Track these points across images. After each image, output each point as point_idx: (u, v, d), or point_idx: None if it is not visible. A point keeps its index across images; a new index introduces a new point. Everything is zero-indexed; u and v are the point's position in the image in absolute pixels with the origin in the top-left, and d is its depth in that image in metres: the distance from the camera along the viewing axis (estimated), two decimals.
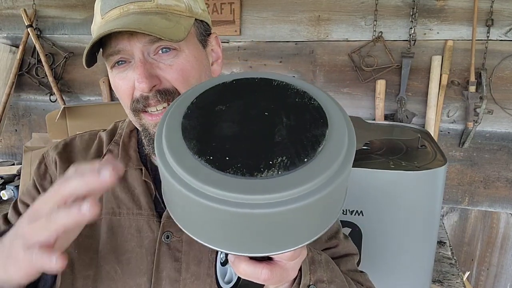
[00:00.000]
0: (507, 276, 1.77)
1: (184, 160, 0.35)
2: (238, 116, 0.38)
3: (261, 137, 0.36)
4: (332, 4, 1.72)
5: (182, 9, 0.61)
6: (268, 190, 0.33)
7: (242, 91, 0.41)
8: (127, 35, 0.57)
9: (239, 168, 0.34)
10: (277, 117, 0.38)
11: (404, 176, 1.06)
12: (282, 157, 0.35)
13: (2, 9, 2.16)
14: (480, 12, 1.55)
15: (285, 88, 0.41)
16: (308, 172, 0.34)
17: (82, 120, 1.79)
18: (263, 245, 0.37)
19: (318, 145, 0.36)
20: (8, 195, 1.73)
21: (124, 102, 0.62)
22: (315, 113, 0.38)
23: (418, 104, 1.71)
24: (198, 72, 0.62)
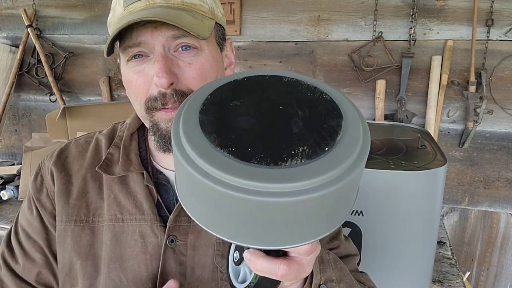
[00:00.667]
0: (507, 276, 1.77)
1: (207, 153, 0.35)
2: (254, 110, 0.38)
3: (279, 128, 0.36)
4: (332, 4, 1.72)
5: (205, 9, 0.61)
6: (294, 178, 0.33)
7: (254, 87, 0.41)
8: (151, 28, 0.56)
9: (262, 158, 0.34)
10: (292, 110, 0.38)
11: (404, 176, 1.06)
12: (303, 146, 0.35)
13: (2, 9, 2.16)
14: (480, 12, 1.55)
15: (295, 83, 0.42)
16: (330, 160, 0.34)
17: (82, 120, 1.79)
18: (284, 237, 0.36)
19: (336, 134, 0.36)
20: (8, 195, 1.73)
21: (137, 97, 0.61)
22: (329, 106, 0.39)
23: (418, 104, 1.71)
24: (215, 74, 0.61)
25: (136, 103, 0.62)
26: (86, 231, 0.65)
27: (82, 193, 0.68)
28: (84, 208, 0.67)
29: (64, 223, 0.66)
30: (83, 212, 0.67)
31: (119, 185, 0.66)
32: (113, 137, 0.72)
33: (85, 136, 0.75)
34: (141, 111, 0.61)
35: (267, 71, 0.44)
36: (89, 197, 0.67)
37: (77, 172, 0.69)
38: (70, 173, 0.69)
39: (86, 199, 0.67)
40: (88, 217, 0.66)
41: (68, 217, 0.66)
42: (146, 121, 0.63)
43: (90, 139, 0.74)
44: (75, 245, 0.65)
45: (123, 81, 0.64)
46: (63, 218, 0.67)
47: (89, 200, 0.67)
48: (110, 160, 0.68)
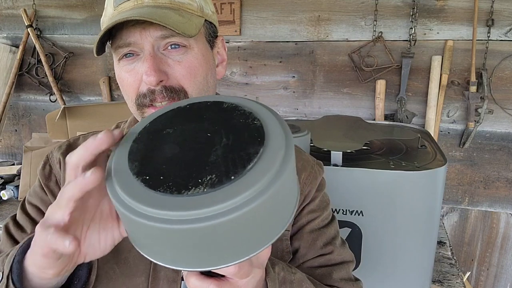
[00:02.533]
0: (507, 276, 1.77)
1: (124, 180, 0.39)
2: (182, 138, 0.41)
3: (198, 157, 0.38)
4: (332, 4, 1.72)
5: (194, 7, 0.61)
6: (190, 207, 0.34)
7: (193, 114, 0.44)
8: (140, 28, 0.57)
9: (169, 186, 0.36)
10: (218, 137, 0.40)
11: (404, 176, 1.06)
12: (212, 175, 0.36)
13: (2, 9, 2.16)
14: (480, 12, 1.55)
15: (233, 110, 0.43)
16: (233, 188, 0.35)
17: (82, 120, 1.79)
18: (199, 260, 0.38)
19: (249, 162, 0.37)
20: (8, 195, 1.73)
21: (129, 95, 0.62)
22: (255, 133, 0.40)
23: (418, 104, 1.71)
24: (205, 71, 0.62)
25: (129, 101, 0.63)
26: None
27: None
28: None
29: None
30: None
31: None
32: None
33: (93, 133, 0.76)
34: (133, 108, 0.63)
35: (214, 97, 0.46)
36: None
37: None
38: None
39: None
40: None
41: None
42: (138, 117, 0.64)
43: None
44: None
45: (117, 80, 0.65)
46: None
47: None
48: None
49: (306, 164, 0.73)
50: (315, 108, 1.84)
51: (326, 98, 1.82)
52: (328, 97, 1.82)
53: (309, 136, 1.13)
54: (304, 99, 1.85)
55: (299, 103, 1.86)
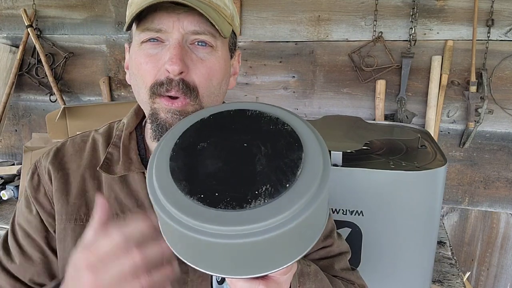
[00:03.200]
0: (507, 276, 1.77)
1: (178, 201, 0.38)
2: (220, 152, 0.41)
3: (243, 168, 0.39)
4: (332, 4, 1.72)
5: (227, 14, 0.62)
6: (258, 219, 0.35)
7: (220, 125, 0.44)
8: (174, 17, 0.57)
9: (229, 202, 0.37)
10: (256, 146, 0.41)
11: (404, 176, 1.06)
12: (266, 185, 0.37)
13: (2, 9, 2.16)
14: (480, 12, 1.55)
15: (259, 117, 0.44)
16: (291, 196, 0.37)
17: (82, 120, 1.79)
18: (258, 267, 0.39)
19: (297, 169, 0.39)
20: (8, 195, 1.73)
21: (144, 80, 0.60)
22: (290, 138, 0.41)
23: (418, 104, 1.71)
24: (222, 76, 0.62)
25: (142, 87, 0.61)
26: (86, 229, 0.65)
27: (82, 192, 0.67)
28: (84, 207, 0.67)
29: (64, 221, 0.66)
30: (83, 211, 0.66)
31: (119, 184, 0.66)
32: (110, 136, 0.72)
33: (81, 135, 0.75)
34: (145, 96, 0.61)
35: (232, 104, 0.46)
36: (89, 196, 0.67)
37: (75, 171, 0.69)
38: (67, 172, 0.69)
39: (86, 198, 0.67)
40: (88, 216, 0.66)
41: (68, 215, 0.66)
42: (147, 107, 0.62)
43: (86, 138, 0.74)
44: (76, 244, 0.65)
45: (129, 64, 0.63)
46: (63, 216, 0.67)
47: (89, 199, 0.67)
48: (110, 160, 0.68)
49: None
50: (315, 108, 1.84)
51: (326, 98, 1.82)
52: (328, 97, 1.82)
53: None
54: (304, 99, 1.85)
55: (299, 103, 1.86)
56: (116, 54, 2.04)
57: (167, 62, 0.56)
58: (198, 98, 0.59)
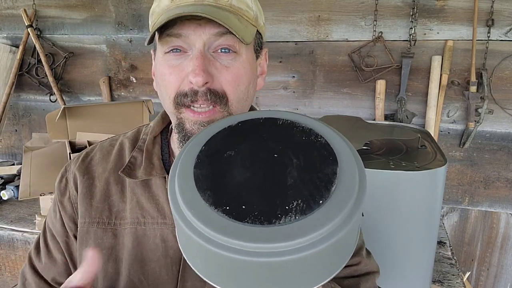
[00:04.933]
0: (507, 276, 1.77)
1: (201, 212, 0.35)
2: (248, 161, 0.38)
3: (273, 180, 0.36)
4: (332, 4, 1.72)
5: (250, 16, 0.61)
6: (287, 237, 0.32)
7: (249, 133, 0.41)
8: (195, 24, 0.56)
9: (256, 216, 0.34)
10: (287, 158, 0.38)
11: (404, 176, 1.06)
12: (298, 200, 0.34)
13: (2, 9, 2.16)
14: (480, 12, 1.55)
15: (290, 126, 0.41)
16: (324, 213, 0.34)
17: (82, 120, 1.79)
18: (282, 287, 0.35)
19: (331, 184, 0.36)
20: (8, 195, 1.73)
21: (168, 91, 0.59)
22: (324, 151, 0.38)
23: (418, 104, 1.71)
24: (249, 80, 0.61)
25: (166, 98, 0.60)
26: (108, 233, 0.66)
27: (105, 196, 0.68)
28: (107, 211, 0.67)
29: (87, 224, 0.67)
30: (105, 214, 0.67)
31: (141, 188, 0.66)
32: (137, 140, 0.72)
33: (111, 139, 0.75)
34: (170, 106, 0.60)
35: (262, 112, 0.43)
36: (112, 200, 0.68)
37: (101, 175, 0.69)
38: (93, 176, 0.69)
39: (109, 202, 0.68)
40: (110, 219, 0.67)
41: (91, 219, 0.67)
42: (173, 117, 0.62)
43: (115, 142, 0.74)
44: (97, 247, 0.66)
45: (155, 73, 0.63)
46: (86, 219, 0.67)
47: (112, 203, 0.67)
48: (133, 164, 0.67)
49: None
50: (315, 108, 1.84)
51: (326, 98, 1.82)
52: (328, 97, 1.82)
53: None
54: (304, 99, 1.85)
55: (299, 103, 1.86)
56: (116, 54, 2.04)
57: (190, 73, 0.56)
58: (228, 105, 0.58)
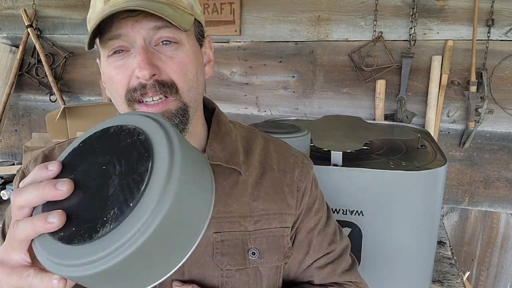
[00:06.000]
0: (507, 276, 1.77)
1: (45, 241, 0.39)
2: (82, 181, 0.40)
3: (98, 195, 0.38)
4: (332, 4, 1.72)
5: (185, 5, 0.61)
6: (105, 247, 0.35)
7: (87, 152, 0.43)
8: (132, 21, 0.56)
9: (82, 235, 0.36)
10: (112, 166, 0.39)
11: (404, 176, 1.06)
12: (114, 208, 0.36)
13: (2, 9, 2.16)
14: (480, 12, 1.55)
15: (119, 132, 0.42)
16: (134, 215, 0.35)
17: (82, 120, 1.79)
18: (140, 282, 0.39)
19: (142, 182, 0.36)
20: (8, 195, 1.73)
21: (118, 92, 0.60)
22: (142, 149, 0.39)
23: (418, 104, 1.71)
24: (195, 68, 0.62)
25: (118, 99, 0.61)
26: None
27: None
28: None
29: None
30: None
31: None
32: None
33: (68, 141, 0.76)
34: (123, 106, 0.61)
35: (102, 124, 0.44)
36: None
37: None
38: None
39: None
40: None
41: None
42: None
43: None
44: None
45: (103, 79, 0.63)
46: None
47: None
48: None
49: (296, 160, 0.73)
50: (315, 108, 1.84)
51: (326, 98, 1.82)
52: (328, 97, 1.82)
53: (309, 136, 1.13)
54: (304, 99, 1.85)
55: (299, 103, 1.86)
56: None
57: (136, 69, 0.56)
58: (178, 93, 0.59)
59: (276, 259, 0.67)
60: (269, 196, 0.67)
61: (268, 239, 0.66)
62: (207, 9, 1.84)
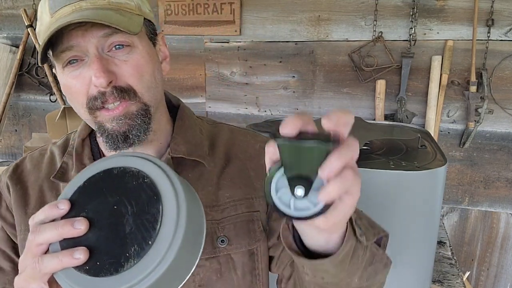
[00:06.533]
0: (507, 276, 1.77)
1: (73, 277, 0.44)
2: (96, 219, 0.46)
3: (116, 232, 0.45)
4: (332, 4, 1.72)
5: (132, 7, 0.61)
6: (132, 278, 0.42)
7: (93, 191, 0.48)
8: (81, 31, 0.56)
9: (108, 269, 0.43)
10: (123, 207, 0.46)
11: (404, 176, 1.06)
12: (134, 245, 0.43)
13: (2, 9, 2.16)
14: (480, 12, 1.55)
15: (123, 173, 0.48)
16: (154, 251, 0.43)
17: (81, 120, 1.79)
18: None
19: (156, 223, 0.44)
20: None
21: (78, 101, 0.61)
22: (150, 191, 0.46)
23: (418, 104, 1.71)
24: (152, 68, 0.62)
25: (79, 107, 0.62)
26: None
27: (40, 202, 0.69)
28: None
29: (23, 232, 0.68)
30: None
31: None
32: (67, 146, 0.73)
33: (40, 149, 0.76)
34: (85, 114, 0.61)
35: (102, 163, 0.49)
36: None
37: (34, 184, 0.70)
38: (26, 185, 0.70)
39: None
40: None
41: (27, 226, 0.67)
42: (92, 124, 0.63)
43: (45, 151, 0.75)
44: None
45: (62, 89, 0.64)
46: (22, 227, 0.68)
47: None
48: (65, 169, 0.69)
49: (263, 145, 0.72)
50: (315, 108, 1.84)
51: (326, 98, 1.82)
52: (328, 97, 1.82)
53: None
54: (304, 99, 1.85)
55: (299, 103, 1.86)
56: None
57: (92, 77, 0.57)
58: (137, 96, 0.60)
59: (247, 243, 0.67)
60: (234, 183, 0.68)
61: (236, 225, 0.67)
62: (207, 9, 1.84)
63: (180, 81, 1.99)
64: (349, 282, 0.53)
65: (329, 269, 0.49)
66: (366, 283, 0.55)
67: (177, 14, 1.88)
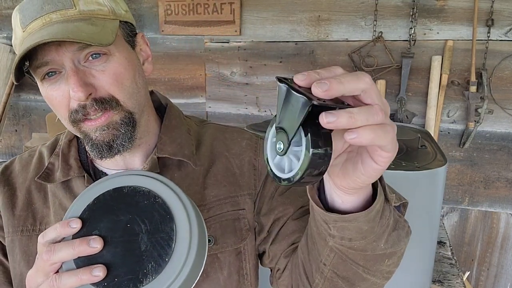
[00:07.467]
0: (507, 276, 1.77)
1: None
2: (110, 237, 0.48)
3: (131, 249, 0.47)
4: (332, 4, 1.72)
5: (105, 12, 0.59)
6: None
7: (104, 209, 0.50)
8: (55, 45, 0.55)
9: (127, 285, 0.45)
10: (136, 225, 0.48)
11: (404, 176, 1.06)
12: (151, 262, 0.46)
13: (2, 9, 2.16)
14: (480, 12, 1.55)
15: (134, 193, 0.50)
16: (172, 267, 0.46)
17: None
18: None
19: (172, 241, 0.47)
20: None
21: (60, 113, 0.60)
22: (162, 211, 0.48)
23: (418, 104, 1.71)
24: (132, 74, 0.61)
25: (63, 119, 0.62)
26: (33, 240, 0.66)
27: (28, 204, 0.69)
28: (31, 218, 0.68)
29: (11, 234, 0.68)
30: (29, 222, 0.67)
31: (63, 191, 0.67)
32: (55, 147, 0.73)
33: (30, 150, 0.76)
34: (69, 126, 0.61)
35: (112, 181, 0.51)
36: (35, 207, 0.68)
37: (21, 185, 0.70)
38: (14, 187, 0.70)
39: (32, 209, 0.68)
40: (35, 226, 0.67)
41: (14, 228, 0.68)
42: (77, 133, 0.63)
43: (34, 152, 0.75)
44: (24, 254, 0.66)
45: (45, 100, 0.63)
46: (10, 229, 0.68)
47: (35, 210, 0.68)
48: (51, 169, 0.68)
49: (250, 142, 0.73)
50: None
51: None
52: None
53: None
54: None
55: None
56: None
57: (70, 92, 0.56)
58: (120, 104, 0.59)
59: (233, 242, 0.67)
60: (219, 182, 0.68)
61: (221, 224, 0.66)
62: (207, 9, 1.84)
63: (180, 81, 1.99)
64: (375, 246, 0.51)
65: (362, 225, 0.48)
66: (390, 249, 0.54)
67: (177, 14, 1.88)
